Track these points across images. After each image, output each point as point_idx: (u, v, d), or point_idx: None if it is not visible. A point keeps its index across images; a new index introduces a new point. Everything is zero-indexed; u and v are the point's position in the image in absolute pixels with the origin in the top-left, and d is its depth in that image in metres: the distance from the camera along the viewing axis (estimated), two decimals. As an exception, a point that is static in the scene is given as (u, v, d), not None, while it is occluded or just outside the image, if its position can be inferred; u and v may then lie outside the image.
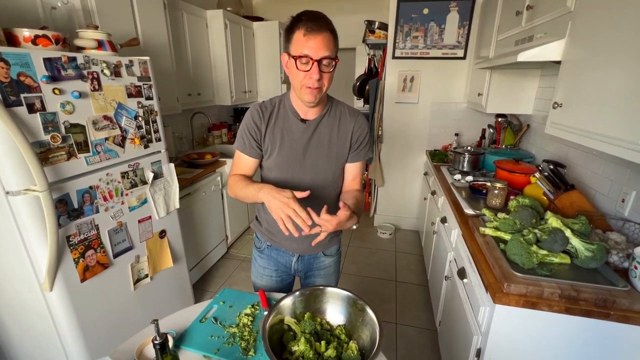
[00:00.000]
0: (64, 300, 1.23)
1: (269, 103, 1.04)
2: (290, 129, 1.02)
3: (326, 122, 1.03)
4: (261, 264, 1.19)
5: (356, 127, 1.05)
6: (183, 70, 2.54)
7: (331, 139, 1.03)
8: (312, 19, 0.87)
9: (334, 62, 0.90)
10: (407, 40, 2.72)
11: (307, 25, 0.86)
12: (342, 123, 1.04)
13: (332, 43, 0.89)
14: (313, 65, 0.87)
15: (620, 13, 0.94)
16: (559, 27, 1.27)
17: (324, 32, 0.87)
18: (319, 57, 0.87)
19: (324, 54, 0.87)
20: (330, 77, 0.92)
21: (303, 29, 0.87)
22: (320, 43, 0.86)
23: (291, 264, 1.17)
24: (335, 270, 1.23)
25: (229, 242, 2.81)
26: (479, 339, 1.10)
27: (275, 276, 1.19)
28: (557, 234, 1.05)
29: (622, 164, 1.29)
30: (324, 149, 1.03)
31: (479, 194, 1.70)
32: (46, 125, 1.12)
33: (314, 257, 1.17)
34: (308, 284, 1.20)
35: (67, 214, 1.21)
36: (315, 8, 2.76)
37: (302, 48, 0.87)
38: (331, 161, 1.05)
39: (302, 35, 0.87)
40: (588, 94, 1.07)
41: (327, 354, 0.82)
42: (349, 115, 1.05)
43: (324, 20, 0.89)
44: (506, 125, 2.29)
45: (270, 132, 1.02)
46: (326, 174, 1.05)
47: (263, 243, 1.17)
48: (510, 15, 1.78)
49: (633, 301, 0.88)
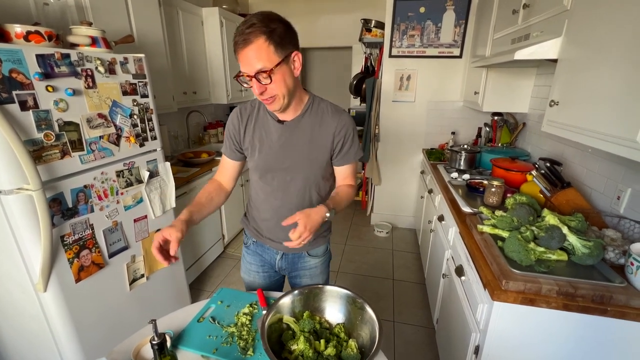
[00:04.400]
0: (58, 301, 1.21)
1: (250, 105, 1.03)
2: (268, 130, 1.00)
3: (306, 121, 0.98)
4: (248, 259, 1.19)
5: (339, 127, 0.98)
6: (178, 68, 2.51)
7: (312, 139, 0.99)
8: (242, 27, 0.80)
9: (269, 72, 0.81)
10: (403, 38, 2.72)
11: (236, 40, 0.81)
12: (324, 122, 0.99)
13: (266, 50, 0.80)
14: (252, 80, 0.83)
15: (616, 12, 0.94)
16: (555, 26, 1.28)
17: (252, 42, 0.79)
18: (253, 73, 0.81)
19: (256, 67, 0.81)
20: (282, 82, 0.85)
21: (234, 45, 0.82)
22: (250, 57, 0.80)
23: (275, 262, 1.15)
24: (322, 271, 1.19)
25: (225, 241, 2.79)
26: (477, 336, 1.11)
27: (262, 272, 1.18)
28: (555, 231, 1.05)
29: (617, 162, 1.30)
30: (303, 150, 0.99)
31: (476, 192, 1.70)
32: (39, 123, 1.10)
33: (298, 257, 1.14)
34: (295, 284, 1.18)
35: (61, 214, 1.19)
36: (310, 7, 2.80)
37: (240, 65, 0.83)
38: (312, 162, 1.00)
39: (234, 52, 0.83)
40: (584, 92, 1.07)
41: (326, 352, 0.82)
42: (331, 115, 0.99)
43: (260, 25, 0.79)
44: (502, 124, 2.30)
45: (249, 134, 1.02)
46: (307, 175, 1.02)
47: (249, 239, 1.18)
48: (507, 14, 1.78)
49: (630, 297, 0.89)
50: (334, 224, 3.37)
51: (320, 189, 1.06)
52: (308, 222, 0.85)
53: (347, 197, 1.04)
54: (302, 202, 1.04)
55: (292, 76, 0.88)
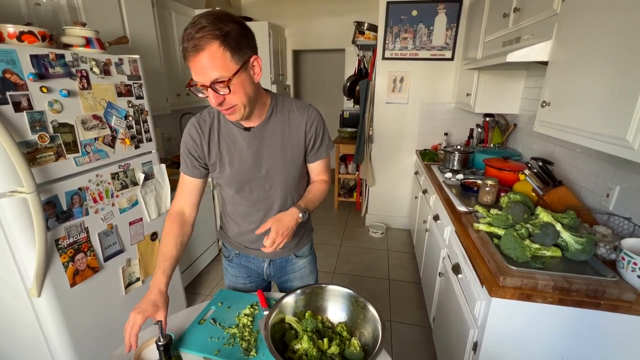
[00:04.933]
0: (52, 306, 1.19)
1: (207, 115, 0.93)
2: (235, 140, 0.92)
3: (274, 124, 0.93)
4: (232, 272, 1.14)
5: (309, 123, 0.94)
6: (172, 70, 2.50)
7: (283, 141, 0.94)
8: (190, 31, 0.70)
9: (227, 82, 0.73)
10: (396, 41, 2.76)
11: (184, 47, 0.71)
12: (292, 121, 0.94)
13: (222, 58, 0.71)
14: (208, 91, 0.74)
15: (604, 16, 0.98)
16: (545, 29, 1.31)
17: (204, 49, 0.69)
18: (208, 83, 0.73)
19: (212, 77, 0.72)
20: (242, 91, 0.77)
21: (183, 51, 0.72)
22: (203, 66, 0.71)
23: (263, 270, 1.12)
24: (311, 271, 1.17)
25: (220, 244, 2.77)
26: (475, 332, 1.13)
27: (249, 282, 1.14)
28: (549, 228, 1.08)
29: (605, 161, 1.34)
30: (277, 154, 0.94)
31: (470, 192, 1.73)
32: (33, 124, 1.08)
33: (286, 260, 1.11)
34: (286, 289, 1.15)
35: (56, 217, 1.17)
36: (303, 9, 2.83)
37: (192, 73, 0.74)
38: (288, 164, 0.96)
39: (184, 59, 0.73)
40: (575, 93, 1.11)
41: (330, 351, 0.82)
42: (298, 111, 0.94)
43: (212, 28, 0.69)
44: (494, 125, 2.35)
45: (214, 147, 0.93)
46: (285, 178, 0.98)
47: (231, 251, 1.12)
48: (498, 17, 1.83)
49: (621, 291, 0.92)
50: (330, 225, 3.38)
51: (299, 190, 1.04)
52: (280, 227, 0.86)
53: (321, 194, 1.03)
54: (284, 207, 0.99)
55: (252, 83, 0.81)
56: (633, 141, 0.84)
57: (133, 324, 0.78)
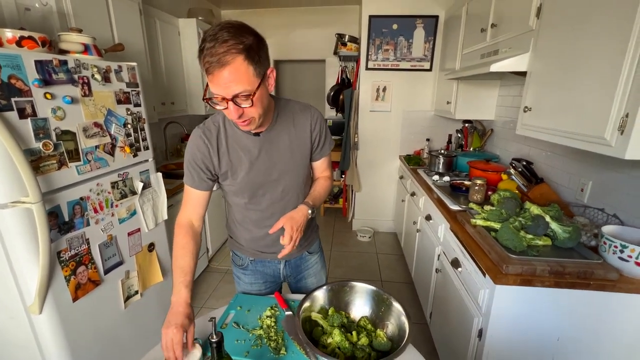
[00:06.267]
0: (54, 323, 1.12)
1: (212, 125, 0.92)
2: (246, 147, 0.92)
3: (281, 126, 0.95)
4: (247, 280, 1.13)
5: (313, 123, 0.98)
6: (158, 78, 2.45)
7: (291, 142, 0.96)
8: (212, 48, 0.69)
9: (251, 96, 0.74)
10: (378, 52, 2.90)
11: (208, 60, 0.70)
12: (298, 122, 0.97)
13: (246, 72, 0.72)
14: (229, 104, 0.74)
15: (575, 31, 1.13)
16: (523, 43, 1.47)
17: (230, 63, 0.69)
18: (231, 96, 0.73)
19: (235, 90, 0.72)
20: (260, 104, 0.79)
21: (204, 65, 0.71)
22: (227, 80, 0.71)
23: (279, 272, 1.13)
24: (322, 266, 1.21)
25: (209, 255, 2.71)
26: (480, 320, 1.21)
27: (264, 288, 1.15)
28: (539, 219, 1.20)
29: (578, 159, 1.51)
30: (287, 156, 0.96)
31: (460, 192, 1.85)
32: (37, 131, 1.04)
33: (300, 259, 1.14)
34: (300, 288, 1.17)
35: (58, 228, 1.12)
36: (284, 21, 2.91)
37: (210, 86, 0.74)
38: (298, 165, 0.99)
39: (205, 73, 0.72)
40: (554, 99, 1.25)
41: (360, 342, 0.86)
42: (301, 112, 0.97)
43: (234, 42, 0.70)
44: (472, 130, 2.53)
45: (224, 157, 0.92)
46: (297, 178, 1.00)
47: (245, 259, 1.11)
48: (475, 32, 2.00)
49: (606, 271, 1.04)
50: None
51: (307, 189, 1.06)
52: (294, 224, 0.89)
53: (327, 190, 1.07)
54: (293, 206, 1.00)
55: (267, 94, 0.83)
56: (610, 139, 0.97)
57: (175, 341, 0.73)
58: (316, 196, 1.02)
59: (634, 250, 1.01)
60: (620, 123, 0.92)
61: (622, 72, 0.91)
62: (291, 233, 0.87)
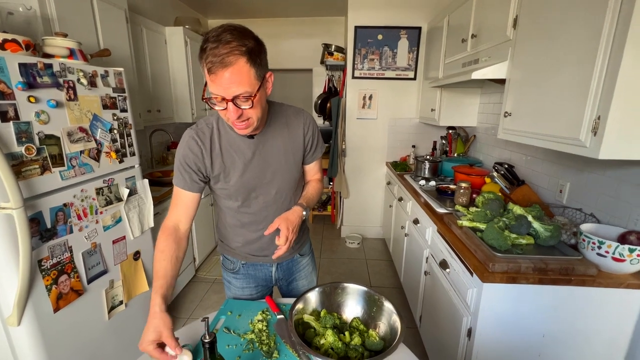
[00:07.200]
0: (33, 335, 1.07)
1: (205, 126, 0.91)
2: (239, 149, 0.92)
3: (274, 129, 0.95)
4: (238, 285, 1.12)
5: (306, 126, 1.00)
6: (143, 85, 2.43)
7: (285, 145, 0.97)
8: (217, 49, 0.70)
9: (252, 98, 0.76)
10: (364, 62, 2.97)
11: (211, 60, 0.71)
12: (291, 125, 0.98)
13: (248, 74, 0.74)
14: (228, 104, 0.75)
15: (550, 41, 1.20)
16: (501, 52, 1.55)
17: (232, 64, 0.71)
18: (231, 97, 0.74)
19: (236, 92, 0.74)
20: (259, 106, 0.81)
21: (207, 63, 0.72)
22: (229, 80, 0.72)
23: (271, 275, 1.13)
24: (313, 268, 1.22)
25: (196, 264, 2.65)
26: (468, 319, 1.23)
27: (256, 293, 1.14)
28: (522, 219, 1.24)
29: (556, 162, 1.58)
30: (281, 158, 0.97)
31: (446, 195, 1.90)
32: (20, 135, 1.01)
33: (291, 261, 1.14)
34: (291, 291, 1.18)
35: (40, 235, 1.08)
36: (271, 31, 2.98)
37: (210, 86, 0.75)
38: (291, 167, 1.00)
39: (207, 73, 0.73)
40: (532, 104, 1.31)
41: (353, 342, 0.86)
42: (294, 116, 0.99)
43: (237, 44, 0.71)
44: (456, 137, 2.61)
45: (217, 159, 0.91)
46: (290, 181, 1.01)
47: (237, 263, 1.10)
48: (457, 42, 2.09)
49: (586, 267, 1.09)
50: (307, 238, 3.40)
51: (299, 191, 1.07)
52: (289, 224, 0.89)
53: (319, 192, 1.09)
54: (286, 208, 1.01)
55: (265, 97, 0.84)
56: (585, 140, 1.02)
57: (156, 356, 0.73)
58: (309, 197, 1.04)
59: (610, 246, 1.05)
60: (593, 125, 0.98)
61: (592, 78, 0.97)
62: (287, 233, 0.88)
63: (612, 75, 0.91)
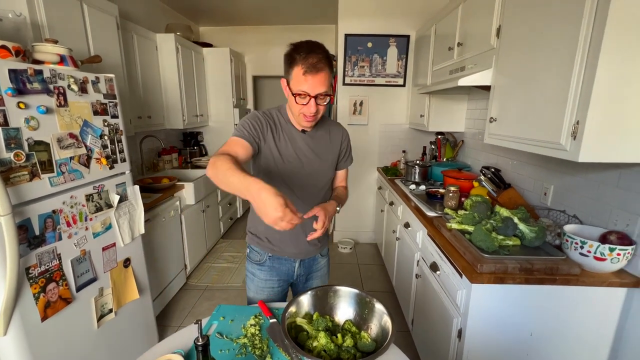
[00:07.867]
0: (19, 345, 1.05)
1: (269, 114, 1.07)
2: (294, 138, 1.08)
3: (321, 131, 1.13)
4: (263, 277, 1.20)
5: (343, 136, 1.20)
6: (134, 92, 2.42)
7: (326, 147, 1.14)
8: (311, 57, 0.90)
9: (328, 97, 0.98)
10: (355, 69, 3.02)
11: (307, 65, 0.90)
12: (332, 133, 1.17)
13: (329, 79, 0.95)
14: (310, 100, 0.94)
15: (531, 50, 1.25)
16: (486, 60, 1.60)
17: (322, 71, 0.92)
18: (315, 94, 0.93)
19: (320, 90, 0.94)
20: (326, 105, 1.01)
21: (303, 67, 0.91)
22: (318, 82, 0.92)
23: (294, 270, 1.21)
24: (328, 270, 1.33)
25: (188, 271, 2.62)
26: (459, 320, 1.25)
27: (277, 286, 1.22)
28: (509, 221, 1.28)
29: (540, 165, 1.63)
30: (321, 157, 1.13)
31: (435, 199, 1.93)
32: (8, 141, 1.00)
33: (312, 260, 1.24)
34: (306, 288, 1.23)
35: (28, 242, 1.07)
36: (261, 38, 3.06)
37: (300, 85, 0.93)
38: (327, 167, 1.16)
39: (302, 73, 0.91)
40: (516, 109, 1.36)
41: (345, 344, 0.87)
42: (335, 126, 1.20)
43: (323, 56, 0.92)
44: (445, 142, 2.66)
45: (274, 140, 1.05)
46: (325, 178, 1.16)
47: (264, 255, 1.18)
48: (444, 50, 2.15)
49: (570, 266, 1.13)
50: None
51: (331, 187, 1.22)
52: (327, 213, 0.99)
53: (345, 197, 1.23)
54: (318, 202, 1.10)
55: None
56: (565, 144, 1.06)
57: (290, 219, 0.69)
58: (340, 198, 1.18)
59: (592, 246, 1.09)
60: (573, 129, 1.02)
61: (571, 84, 1.02)
62: (324, 219, 0.97)
63: (588, 83, 0.96)
